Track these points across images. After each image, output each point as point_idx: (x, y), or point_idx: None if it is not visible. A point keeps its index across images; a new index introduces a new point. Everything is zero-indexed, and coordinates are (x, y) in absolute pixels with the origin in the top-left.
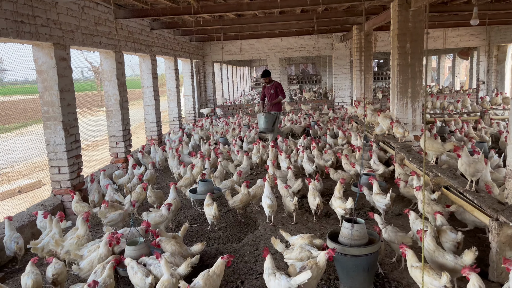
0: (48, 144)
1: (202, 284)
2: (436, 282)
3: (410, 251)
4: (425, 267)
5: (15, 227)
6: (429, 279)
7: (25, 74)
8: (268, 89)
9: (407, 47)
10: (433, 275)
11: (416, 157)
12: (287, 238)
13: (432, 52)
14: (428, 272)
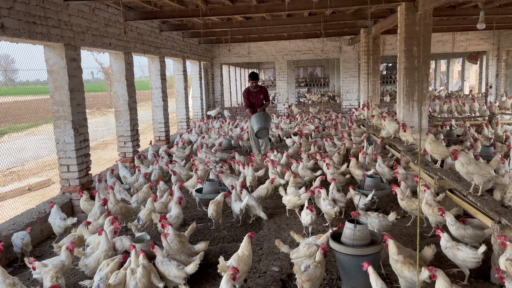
0: (57, 142)
1: (236, 265)
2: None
3: (391, 242)
4: (405, 262)
5: (25, 224)
6: (409, 274)
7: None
8: (256, 95)
9: (414, 50)
10: (413, 270)
11: (421, 160)
12: (299, 240)
13: (441, 56)
14: (409, 268)
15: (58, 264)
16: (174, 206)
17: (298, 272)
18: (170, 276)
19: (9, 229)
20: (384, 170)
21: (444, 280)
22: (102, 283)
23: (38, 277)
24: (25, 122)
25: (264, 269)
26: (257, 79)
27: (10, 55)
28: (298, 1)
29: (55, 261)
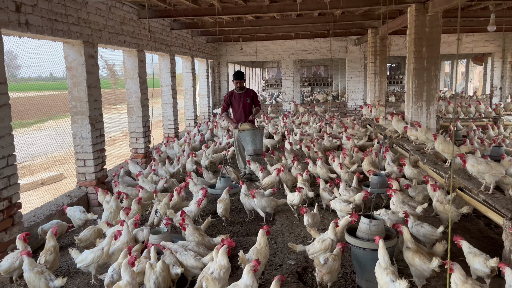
0: (75, 137)
1: (255, 257)
2: (426, 266)
3: (405, 229)
4: (416, 252)
5: (45, 216)
6: (419, 262)
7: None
8: (241, 98)
9: (423, 51)
10: (423, 259)
11: (430, 159)
12: (315, 235)
13: (446, 57)
14: (419, 256)
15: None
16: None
17: (319, 265)
18: (188, 266)
19: (30, 221)
20: (393, 168)
21: (460, 274)
22: (116, 273)
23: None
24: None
25: (280, 262)
26: (243, 79)
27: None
28: (309, 1)
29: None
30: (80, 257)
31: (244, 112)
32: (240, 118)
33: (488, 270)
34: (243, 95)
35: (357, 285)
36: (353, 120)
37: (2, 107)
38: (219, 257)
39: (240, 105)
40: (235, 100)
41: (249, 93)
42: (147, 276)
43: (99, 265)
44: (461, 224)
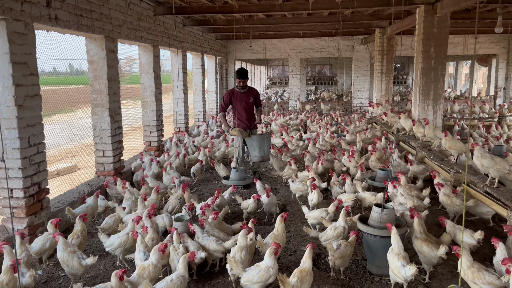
0: (95, 129)
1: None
2: (433, 253)
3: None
4: (425, 240)
5: (68, 202)
6: (427, 249)
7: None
8: (243, 97)
9: (431, 51)
10: (431, 247)
11: (436, 156)
12: (327, 224)
13: (450, 58)
14: (428, 244)
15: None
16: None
17: (331, 250)
18: (210, 250)
19: (55, 207)
20: (401, 164)
21: (467, 258)
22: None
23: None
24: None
25: (294, 248)
26: (246, 78)
27: None
28: (321, 1)
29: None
30: (108, 241)
31: (246, 111)
32: (241, 117)
33: (475, 242)
34: (245, 94)
35: (368, 270)
36: (358, 117)
37: (34, 97)
38: (239, 239)
39: (243, 105)
40: (237, 99)
41: (252, 92)
42: (171, 257)
43: (125, 249)
44: (466, 217)
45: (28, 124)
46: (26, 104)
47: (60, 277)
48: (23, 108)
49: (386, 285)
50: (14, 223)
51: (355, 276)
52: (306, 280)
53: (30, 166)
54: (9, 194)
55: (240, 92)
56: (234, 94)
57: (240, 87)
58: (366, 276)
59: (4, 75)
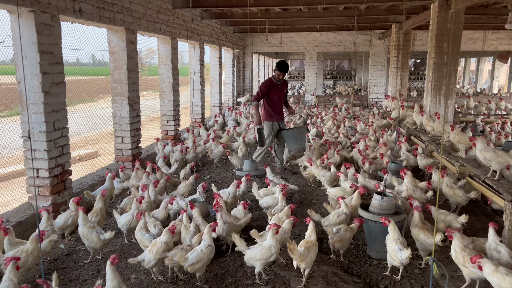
0: (114, 116)
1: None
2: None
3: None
4: (422, 228)
5: (89, 184)
6: (424, 237)
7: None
8: (280, 89)
9: (444, 46)
10: (428, 235)
11: (444, 150)
12: (331, 210)
13: (471, 54)
14: (424, 232)
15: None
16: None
17: (331, 233)
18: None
19: (77, 188)
20: (410, 157)
21: (459, 241)
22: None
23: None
24: None
25: (298, 232)
26: (287, 71)
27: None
28: None
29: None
30: (119, 219)
31: (280, 104)
32: (277, 109)
33: (459, 225)
34: (281, 86)
35: (368, 255)
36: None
37: (59, 85)
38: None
39: (279, 96)
40: (274, 90)
41: (286, 84)
42: (183, 236)
43: (131, 227)
44: (468, 208)
45: (53, 109)
46: (52, 91)
47: (81, 250)
48: (49, 95)
49: (384, 268)
50: (39, 201)
51: (355, 260)
52: (312, 249)
53: (55, 149)
54: (35, 174)
55: (277, 84)
56: (272, 85)
57: (279, 79)
58: (365, 260)
59: (32, 63)
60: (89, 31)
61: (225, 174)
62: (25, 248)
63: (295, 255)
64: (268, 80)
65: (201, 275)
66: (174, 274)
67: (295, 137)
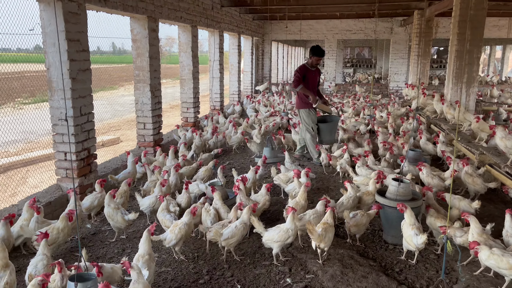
0: (137, 103)
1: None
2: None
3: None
4: (437, 217)
5: (112, 168)
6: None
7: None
8: (314, 76)
9: (467, 34)
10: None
11: (465, 138)
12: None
13: (496, 41)
14: (440, 221)
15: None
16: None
17: (347, 218)
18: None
19: (101, 171)
20: (429, 146)
21: (476, 225)
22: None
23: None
24: None
25: None
26: (323, 56)
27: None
28: None
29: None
30: (142, 201)
31: (314, 90)
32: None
33: (472, 210)
34: (315, 72)
35: (384, 240)
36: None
37: (85, 71)
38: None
39: (313, 82)
40: (309, 77)
41: (319, 72)
42: (203, 218)
43: (154, 209)
44: (487, 196)
45: (80, 95)
46: (79, 77)
47: (106, 230)
48: (76, 81)
49: (399, 253)
50: (67, 183)
51: (371, 244)
52: (329, 230)
53: (82, 133)
54: (65, 157)
55: (312, 70)
56: (307, 70)
57: (314, 65)
58: (381, 244)
59: (60, 51)
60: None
61: (243, 161)
62: (56, 226)
63: (314, 236)
64: (302, 66)
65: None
66: (196, 254)
67: (329, 130)
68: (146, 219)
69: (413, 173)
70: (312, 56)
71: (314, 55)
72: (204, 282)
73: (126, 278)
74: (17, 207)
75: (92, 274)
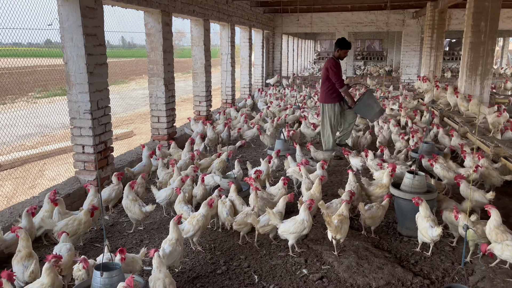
0: (151, 96)
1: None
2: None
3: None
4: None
5: (128, 161)
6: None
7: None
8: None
9: (482, 25)
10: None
11: (479, 131)
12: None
13: (510, 33)
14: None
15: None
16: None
17: (362, 209)
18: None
19: (117, 164)
20: (445, 139)
21: (496, 217)
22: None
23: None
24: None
25: None
26: (350, 48)
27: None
28: None
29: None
30: (158, 193)
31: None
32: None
33: (486, 201)
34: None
35: (398, 232)
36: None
37: (102, 65)
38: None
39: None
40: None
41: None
42: (220, 209)
43: (170, 201)
44: (502, 189)
45: (97, 89)
46: (96, 71)
47: (124, 222)
48: (93, 75)
49: (414, 245)
50: (85, 175)
51: (385, 236)
52: (345, 222)
53: (99, 126)
54: (82, 150)
55: (339, 63)
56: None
57: (342, 57)
58: (395, 237)
59: (78, 45)
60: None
61: (256, 154)
62: (78, 218)
63: (331, 227)
64: (333, 60)
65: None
66: (212, 245)
67: (369, 104)
68: (163, 211)
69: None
70: (340, 49)
71: (342, 48)
72: (221, 272)
73: (145, 268)
74: (38, 199)
75: (116, 263)
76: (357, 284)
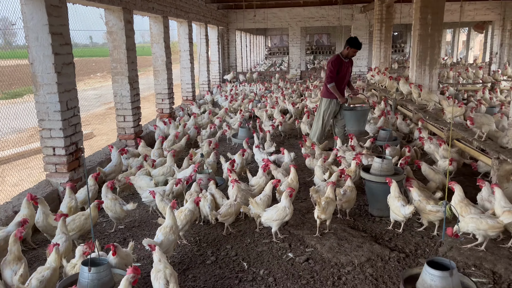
0: (115, 95)
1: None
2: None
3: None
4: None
5: (97, 162)
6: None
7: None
8: (346, 67)
9: (428, 18)
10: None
11: (432, 116)
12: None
13: (447, 25)
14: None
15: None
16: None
17: (339, 195)
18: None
19: (88, 165)
20: (402, 125)
21: (459, 193)
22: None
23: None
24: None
25: (304, 197)
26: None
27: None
28: None
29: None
30: (145, 194)
31: (346, 82)
32: (340, 87)
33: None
34: (348, 64)
35: (370, 213)
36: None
37: (69, 65)
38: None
39: (347, 75)
40: (343, 68)
41: (352, 63)
42: (202, 203)
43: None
44: (458, 171)
45: (65, 89)
46: (63, 71)
47: (103, 222)
48: (61, 75)
49: (386, 224)
50: (57, 178)
51: (359, 218)
52: (331, 204)
53: (69, 127)
54: (53, 152)
55: (345, 62)
56: (342, 63)
57: (349, 56)
58: (368, 218)
59: (44, 44)
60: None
61: (223, 149)
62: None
63: (319, 207)
64: (337, 58)
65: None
66: (197, 238)
67: (357, 119)
68: (141, 210)
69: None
70: (350, 47)
71: (352, 47)
72: (211, 263)
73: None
74: (12, 204)
75: (103, 259)
76: (341, 262)
